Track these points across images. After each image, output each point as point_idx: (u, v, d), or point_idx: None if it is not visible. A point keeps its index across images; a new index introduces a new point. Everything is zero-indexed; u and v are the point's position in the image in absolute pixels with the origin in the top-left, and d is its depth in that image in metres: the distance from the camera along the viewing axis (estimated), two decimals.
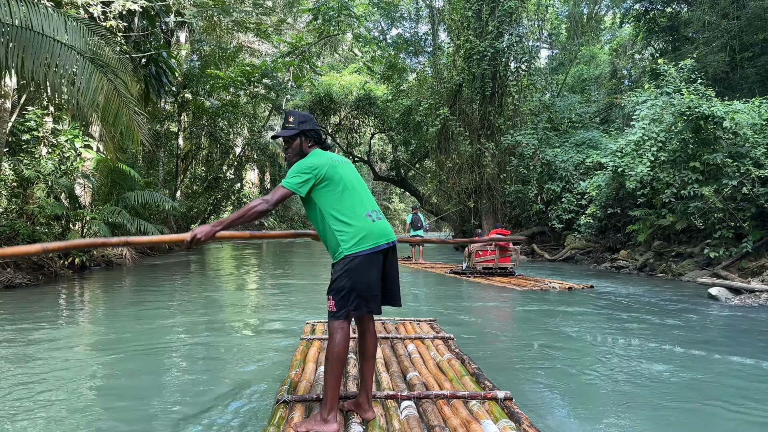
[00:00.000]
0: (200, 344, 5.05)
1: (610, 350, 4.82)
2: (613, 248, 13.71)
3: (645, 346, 4.92)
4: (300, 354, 3.96)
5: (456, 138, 18.33)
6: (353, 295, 2.59)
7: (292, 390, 3.16)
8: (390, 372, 3.55)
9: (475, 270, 10.99)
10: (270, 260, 18.99)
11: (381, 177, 35.25)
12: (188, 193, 25.99)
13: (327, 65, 38.06)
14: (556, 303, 7.54)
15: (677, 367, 4.26)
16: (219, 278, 11.90)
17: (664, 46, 23.48)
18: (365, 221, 2.66)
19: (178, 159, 25.29)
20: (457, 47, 18.90)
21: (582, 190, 14.66)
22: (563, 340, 5.24)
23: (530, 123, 17.44)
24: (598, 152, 15.22)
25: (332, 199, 2.66)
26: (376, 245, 2.63)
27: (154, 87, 18.30)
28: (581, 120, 18.62)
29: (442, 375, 3.45)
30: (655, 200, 10.93)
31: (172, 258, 18.24)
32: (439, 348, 4.13)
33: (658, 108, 9.90)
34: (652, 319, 6.38)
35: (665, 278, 10.61)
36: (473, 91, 18.62)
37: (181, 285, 10.30)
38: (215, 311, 6.95)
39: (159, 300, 8.11)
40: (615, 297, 8.16)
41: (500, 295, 8.50)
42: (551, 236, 16.79)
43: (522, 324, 6.33)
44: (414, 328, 4.88)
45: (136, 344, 5.01)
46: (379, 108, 30.13)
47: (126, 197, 13.39)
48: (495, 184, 18.35)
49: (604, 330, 5.72)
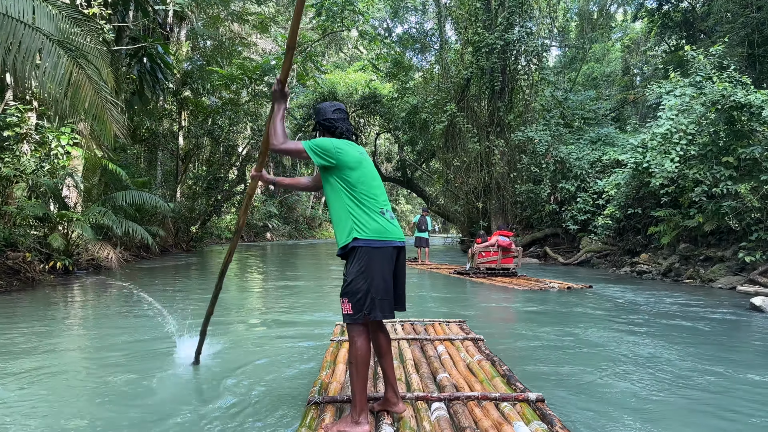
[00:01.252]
0: (223, 348, 4.84)
1: (641, 357, 4.55)
2: (632, 251, 12.78)
3: (682, 357, 4.53)
4: (330, 355, 3.96)
5: (463, 135, 17.47)
6: (368, 298, 2.59)
7: (322, 391, 3.16)
8: (420, 373, 3.52)
9: (478, 270, 11.21)
10: (273, 262, 18.22)
11: (387, 177, 34.39)
12: (188, 194, 25.27)
13: (332, 64, 37.35)
14: (573, 305, 7.45)
15: (719, 378, 3.93)
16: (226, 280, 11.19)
17: (678, 41, 22.67)
18: (380, 216, 2.69)
19: (178, 159, 24.61)
20: (464, 41, 18.04)
21: (599, 189, 13.75)
22: (589, 343, 5.08)
23: (542, 119, 16.54)
24: (615, 149, 14.31)
25: (355, 184, 2.69)
26: (389, 240, 2.67)
27: (148, 83, 17.58)
28: (595, 116, 17.70)
29: (472, 376, 3.41)
30: (682, 199, 10.02)
31: (170, 261, 17.52)
32: (468, 349, 4.11)
33: (687, 97, 8.98)
34: (689, 329, 5.67)
35: (693, 284, 9.69)
36: (482, 86, 17.75)
37: (183, 287, 9.85)
38: (228, 313, 6.83)
39: (168, 302, 7.67)
40: (642, 305, 7.28)
41: (505, 295, 8.60)
42: (565, 238, 15.87)
43: (539, 324, 6.11)
44: (443, 329, 4.88)
45: (143, 349, 4.83)
46: (384, 107, 29.34)
47: (113, 198, 12.63)
48: (505, 184, 17.46)
49: (636, 338, 5.34)
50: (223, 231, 35.87)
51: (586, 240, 14.34)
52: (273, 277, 12.12)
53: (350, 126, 2.89)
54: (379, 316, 2.62)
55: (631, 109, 24.53)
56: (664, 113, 9.34)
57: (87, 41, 8.25)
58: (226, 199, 24.50)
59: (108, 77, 8.23)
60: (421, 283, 10.63)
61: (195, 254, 21.65)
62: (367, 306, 2.59)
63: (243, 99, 25.44)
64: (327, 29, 26.69)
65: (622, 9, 33.85)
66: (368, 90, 30.27)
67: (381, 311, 2.61)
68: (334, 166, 2.68)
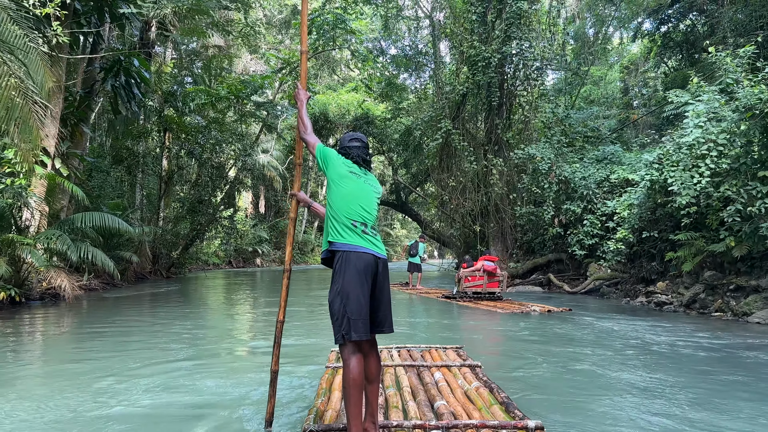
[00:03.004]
0: (217, 378, 4.66)
1: (650, 389, 4.32)
2: (646, 279, 11.54)
3: (708, 398, 4.10)
4: (325, 382, 3.89)
5: (459, 154, 16.35)
6: (345, 318, 2.65)
7: (318, 420, 3.12)
8: (417, 401, 3.47)
9: (465, 294, 11.52)
10: (263, 288, 16.88)
11: (380, 201, 33.21)
12: (171, 218, 24.00)
13: (324, 86, 36.55)
14: (576, 332, 7.33)
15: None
16: (212, 307, 10.28)
17: (679, 62, 21.99)
18: (354, 230, 2.82)
19: (161, 181, 23.42)
20: (459, 55, 17.06)
21: (608, 211, 12.58)
22: (585, 370, 4.99)
23: (543, 137, 15.45)
24: (623, 167, 13.19)
25: (337, 196, 2.89)
26: (362, 246, 2.78)
27: (123, 98, 16.47)
28: (599, 135, 16.65)
29: (470, 404, 3.38)
30: (708, 220, 8.83)
31: (145, 289, 16.18)
32: (466, 376, 4.04)
33: (717, 102, 7.87)
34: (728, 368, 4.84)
35: (724, 318, 8.44)
36: (478, 103, 16.72)
37: (168, 316, 9.18)
38: (219, 342, 6.73)
39: (146, 333, 7.35)
40: (668, 343, 6.02)
41: (491, 318, 8.86)
42: (570, 264, 14.62)
43: (534, 349, 6.05)
44: (440, 355, 4.79)
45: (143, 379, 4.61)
46: (377, 128, 28.41)
47: (71, 220, 11.37)
48: (504, 206, 16.28)
49: (647, 369, 5.09)
50: (210, 257, 34.53)
51: (594, 267, 13.10)
52: (263, 303, 11.77)
53: (364, 152, 3.09)
54: (354, 336, 2.63)
55: (631, 132, 23.62)
56: (691, 120, 8.17)
57: (25, 41, 7.12)
58: (209, 223, 23.18)
59: (45, 79, 7.05)
60: (409, 307, 10.95)
61: (175, 281, 20.28)
62: (344, 327, 2.65)
63: (230, 119, 24.42)
64: (318, 48, 25.93)
65: (618, 33, 33.46)
66: (361, 111, 29.38)
67: (355, 331, 2.63)
68: (324, 172, 3.00)
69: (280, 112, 27.36)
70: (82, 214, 11.62)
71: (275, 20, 38.52)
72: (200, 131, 20.84)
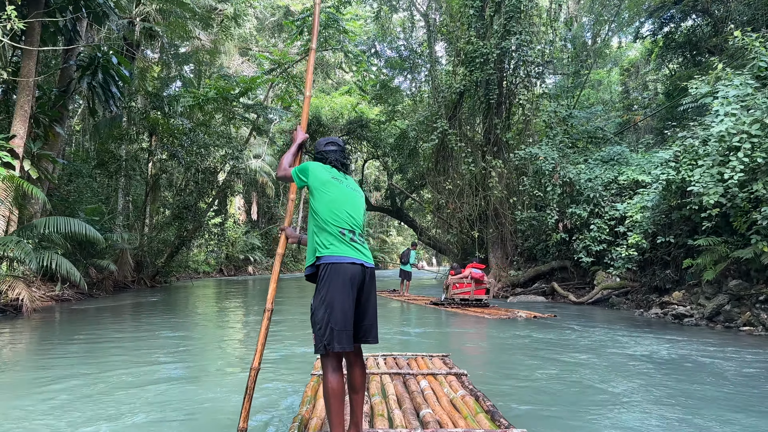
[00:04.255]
0: (201, 384, 4.70)
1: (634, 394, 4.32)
2: (660, 288, 10.63)
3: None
4: (310, 390, 3.81)
5: (456, 155, 15.46)
6: (328, 329, 2.58)
7: (302, 427, 3.07)
8: (403, 409, 3.40)
9: (453, 301, 11.74)
10: (254, 296, 15.91)
11: (374, 207, 32.28)
12: (155, 225, 23.02)
13: (318, 89, 35.70)
14: (572, 341, 7.22)
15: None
16: (189, 320, 9.58)
17: (682, 62, 21.34)
18: (340, 237, 2.72)
19: (147, 186, 22.48)
20: (456, 52, 16.21)
21: (617, 215, 11.69)
22: (580, 382, 4.81)
23: (545, 137, 14.58)
24: (632, 168, 12.31)
25: (321, 203, 2.77)
26: (347, 256, 2.68)
27: (100, 96, 15.53)
28: (604, 135, 15.79)
29: (456, 412, 3.32)
30: (735, 222, 7.93)
31: (124, 299, 15.24)
32: (452, 384, 3.99)
33: (750, 88, 6.99)
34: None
35: (756, 333, 7.52)
36: (476, 102, 15.85)
37: (136, 330, 8.61)
38: (205, 350, 6.75)
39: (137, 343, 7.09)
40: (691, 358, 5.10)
41: (479, 325, 9.01)
42: (575, 272, 13.69)
43: (518, 358, 6.02)
44: (426, 363, 4.70)
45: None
46: (371, 131, 27.52)
47: (33, 226, 10.42)
48: (503, 210, 15.37)
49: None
50: (200, 265, 33.47)
51: (602, 275, 12.19)
52: (253, 312, 11.42)
53: (341, 156, 3.01)
54: (337, 347, 2.57)
55: (632, 135, 22.83)
56: (721, 108, 7.24)
57: None
58: (196, 230, 22.16)
59: None
60: (397, 313, 11.24)
61: (159, 291, 19.29)
62: (326, 337, 2.57)
63: (218, 122, 23.53)
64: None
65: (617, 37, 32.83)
66: (355, 114, 28.50)
67: (338, 342, 2.57)
68: (306, 185, 2.86)
69: (270, 114, 26.48)
70: (46, 219, 10.69)
71: (267, 23, 37.72)
72: (185, 133, 19.89)
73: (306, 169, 2.87)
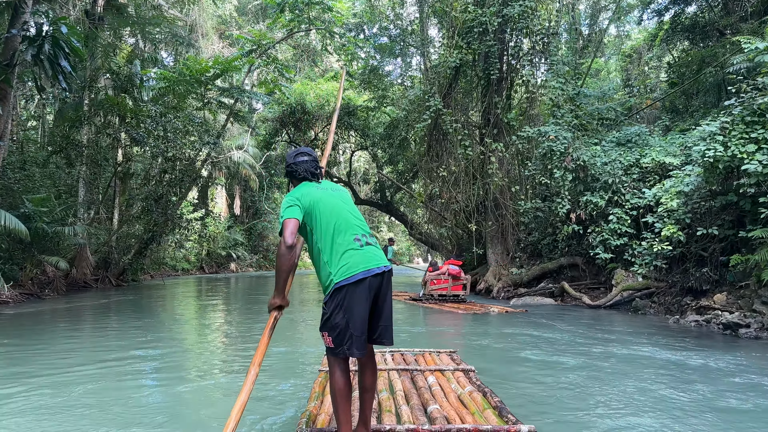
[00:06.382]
0: (209, 380, 4.71)
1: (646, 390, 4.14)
2: (695, 290, 8.91)
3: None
4: (318, 386, 3.81)
5: (452, 138, 13.66)
6: (348, 333, 2.56)
7: (310, 423, 3.05)
8: (410, 405, 3.40)
9: (431, 297, 11.88)
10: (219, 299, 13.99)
11: (363, 201, 30.44)
12: (123, 218, 21.07)
13: (304, 75, 33.77)
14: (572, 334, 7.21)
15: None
16: (136, 328, 7.28)
17: (689, 45, 20.06)
18: (353, 245, 2.64)
19: (115, 177, 20.55)
20: (451, 22, 14.38)
21: (640, 203, 9.97)
22: (584, 375, 4.76)
23: (551, 117, 12.83)
24: (658, 149, 10.59)
25: (319, 228, 2.68)
26: (366, 269, 2.60)
27: (46, 71, 13.58)
28: (616, 117, 14.07)
29: (463, 408, 3.31)
30: None
31: (74, 300, 13.39)
32: (459, 380, 3.97)
33: None
34: None
35: None
36: (473, 78, 14.07)
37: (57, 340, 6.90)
38: (209, 346, 6.57)
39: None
40: None
41: (455, 320, 9.11)
42: (587, 270, 11.96)
43: (524, 354, 5.85)
44: (434, 359, 4.66)
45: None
46: (359, 120, 25.70)
47: None
48: (504, 200, 13.62)
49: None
50: (179, 262, 31.53)
51: (621, 274, 10.46)
52: (254, 311, 10.99)
53: (312, 165, 2.90)
54: (356, 353, 2.58)
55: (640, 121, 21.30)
56: None
57: None
58: (165, 223, 20.19)
59: None
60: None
61: (122, 291, 17.39)
62: (346, 341, 2.57)
63: (191, 106, 21.59)
64: (293, 29, 23.24)
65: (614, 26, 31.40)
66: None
67: (357, 348, 2.58)
68: (305, 218, 2.70)
69: (250, 99, 24.55)
70: None
71: (250, 6, 35.70)
72: (150, 116, 17.94)
73: (290, 203, 2.70)
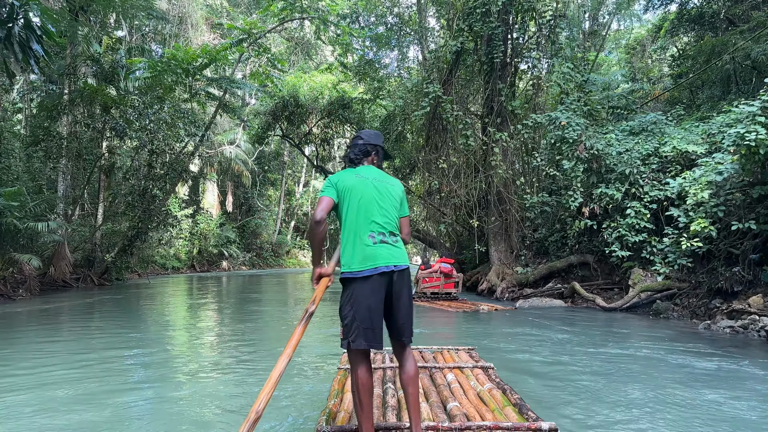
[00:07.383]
0: (231, 376, 4.73)
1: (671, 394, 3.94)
2: (725, 291, 8.02)
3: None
4: (338, 383, 3.77)
5: (452, 128, 12.74)
6: (354, 325, 2.58)
7: (330, 421, 3.05)
8: (430, 402, 3.36)
9: (423, 295, 11.88)
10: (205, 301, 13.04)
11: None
12: (106, 215, 20.10)
13: (298, 68, 32.77)
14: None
15: None
16: (121, 325, 6.23)
17: (696, 34, 19.34)
18: (367, 241, 2.66)
19: (100, 171, 19.60)
20: (451, 4, 13.45)
21: (661, 195, 9.07)
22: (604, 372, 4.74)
23: (560, 104, 11.93)
24: (677, 138, 9.69)
25: (345, 216, 2.73)
26: (373, 267, 2.61)
27: (16, 54, 12.62)
28: (627, 105, 13.19)
29: (483, 405, 3.28)
30: None
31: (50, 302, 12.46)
32: (479, 377, 3.90)
33: None
34: None
35: None
36: (475, 63, 13.14)
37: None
38: (230, 342, 6.52)
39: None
40: None
41: (447, 317, 9.38)
42: (598, 270, 11.06)
43: (542, 351, 5.81)
44: (452, 356, 4.57)
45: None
46: (354, 113, 24.76)
47: None
48: (508, 194, 12.71)
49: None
50: (169, 260, 30.55)
51: (639, 273, 9.55)
52: (245, 311, 10.79)
53: (352, 152, 2.93)
54: (363, 345, 2.58)
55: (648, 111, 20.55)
56: None
57: None
58: (150, 219, 19.21)
59: None
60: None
61: (103, 291, 16.43)
62: (352, 333, 2.58)
63: (178, 97, 20.59)
64: (286, 18, 22.32)
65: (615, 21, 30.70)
66: (336, 93, 25.70)
67: (366, 340, 2.57)
68: (337, 194, 2.74)
69: (240, 91, 23.61)
70: None
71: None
72: (132, 106, 16.97)
73: (325, 189, 2.74)
